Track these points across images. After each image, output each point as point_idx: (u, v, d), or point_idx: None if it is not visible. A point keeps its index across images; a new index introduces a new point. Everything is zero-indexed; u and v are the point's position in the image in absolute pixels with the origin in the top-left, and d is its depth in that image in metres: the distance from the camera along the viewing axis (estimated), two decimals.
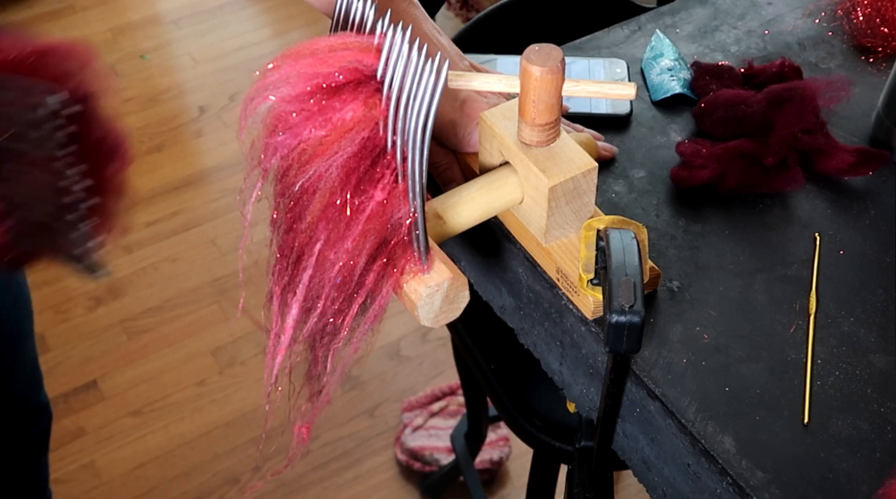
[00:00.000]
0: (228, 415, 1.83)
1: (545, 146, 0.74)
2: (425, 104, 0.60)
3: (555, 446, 1.15)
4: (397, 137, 0.62)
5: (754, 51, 1.01)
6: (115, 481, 1.75)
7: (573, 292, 0.77)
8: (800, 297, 0.79)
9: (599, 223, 0.75)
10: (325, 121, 0.61)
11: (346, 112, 0.61)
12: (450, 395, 1.82)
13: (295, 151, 0.61)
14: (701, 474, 0.71)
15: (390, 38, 0.62)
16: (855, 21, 1.02)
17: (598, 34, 1.04)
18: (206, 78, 2.51)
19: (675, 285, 0.79)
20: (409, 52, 0.61)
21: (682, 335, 0.76)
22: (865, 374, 0.74)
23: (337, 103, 0.61)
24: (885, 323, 0.77)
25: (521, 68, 0.70)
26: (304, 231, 0.62)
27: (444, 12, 2.33)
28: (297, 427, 0.69)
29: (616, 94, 0.71)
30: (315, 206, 0.62)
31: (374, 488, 1.74)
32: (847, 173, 0.87)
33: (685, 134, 0.92)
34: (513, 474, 1.75)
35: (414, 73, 0.61)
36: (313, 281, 0.63)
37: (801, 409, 0.72)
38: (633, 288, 0.62)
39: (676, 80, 0.95)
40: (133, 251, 2.09)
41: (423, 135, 0.61)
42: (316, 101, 0.61)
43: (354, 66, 0.61)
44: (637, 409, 0.75)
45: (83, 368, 1.90)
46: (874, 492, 0.67)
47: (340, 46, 0.62)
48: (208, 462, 1.77)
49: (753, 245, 0.83)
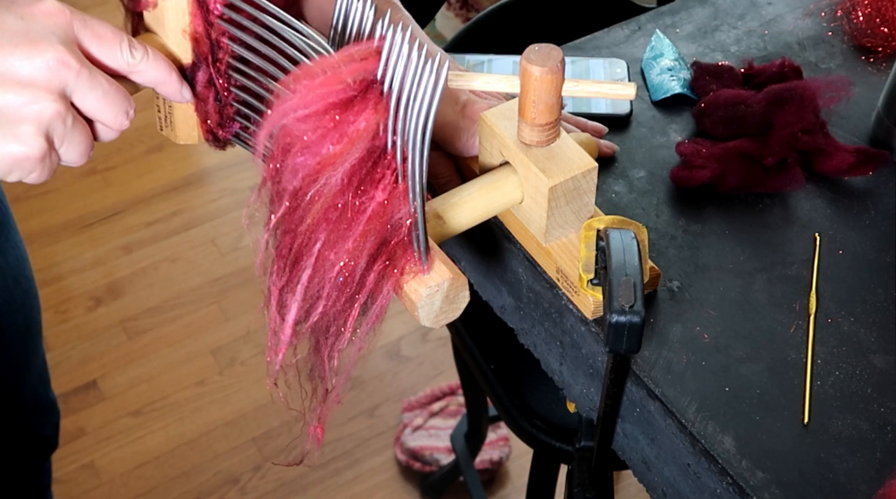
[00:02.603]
0: (228, 415, 1.83)
1: (545, 146, 0.74)
2: (426, 104, 0.60)
3: (555, 446, 1.15)
4: (397, 137, 0.62)
5: (754, 51, 1.01)
6: (115, 481, 1.75)
7: (573, 292, 0.77)
8: (800, 297, 0.79)
9: (599, 223, 0.75)
10: (341, 135, 0.61)
11: (360, 122, 0.61)
12: (450, 395, 1.82)
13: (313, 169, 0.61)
14: (701, 474, 0.71)
15: (390, 38, 0.62)
16: (855, 21, 1.02)
17: (598, 34, 1.04)
18: None
19: (675, 285, 0.79)
20: (409, 52, 0.61)
21: (682, 335, 0.76)
22: (865, 374, 0.74)
23: (351, 116, 0.61)
24: (885, 323, 0.77)
25: (520, 68, 0.70)
26: (304, 232, 0.62)
27: (443, 12, 2.33)
28: (312, 429, 0.69)
29: (616, 94, 0.71)
30: (316, 207, 0.62)
31: (374, 488, 1.74)
32: (847, 173, 0.87)
33: (685, 134, 0.92)
34: (513, 474, 1.75)
35: (414, 73, 0.61)
36: (312, 281, 0.63)
37: (801, 409, 0.72)
38: (633, 288, 0.62)
39: (676, 80, 0.95)
40: (133, 251, 2.09)
41: (424, 135, 0.61)
42: (330, 117, 0.61)
43: (363, 76, 0.61)
44: (637, 409, 0.75)
45: (83, 368, 1.90)
46: (874, 492, 0.67)
47: (347, 59, 0.62)
48: (208, 462, 1.77)
49: (753, 245, 0.83)
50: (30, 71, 0.58)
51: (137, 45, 0.63)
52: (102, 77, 0.61)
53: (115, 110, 0.62)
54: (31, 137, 0.59)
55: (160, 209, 2.17)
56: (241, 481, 1.74)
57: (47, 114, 0.59)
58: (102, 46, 0.62)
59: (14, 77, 0.58)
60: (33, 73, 0.58)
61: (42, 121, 0.59)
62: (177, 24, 0.65)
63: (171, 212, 2.16)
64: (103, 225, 2.15)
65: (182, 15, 0.65)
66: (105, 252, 2.09)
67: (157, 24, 0.67)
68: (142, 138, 2.28)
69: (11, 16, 0.59)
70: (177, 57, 0.67)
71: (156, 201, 2.19)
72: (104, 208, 2.18)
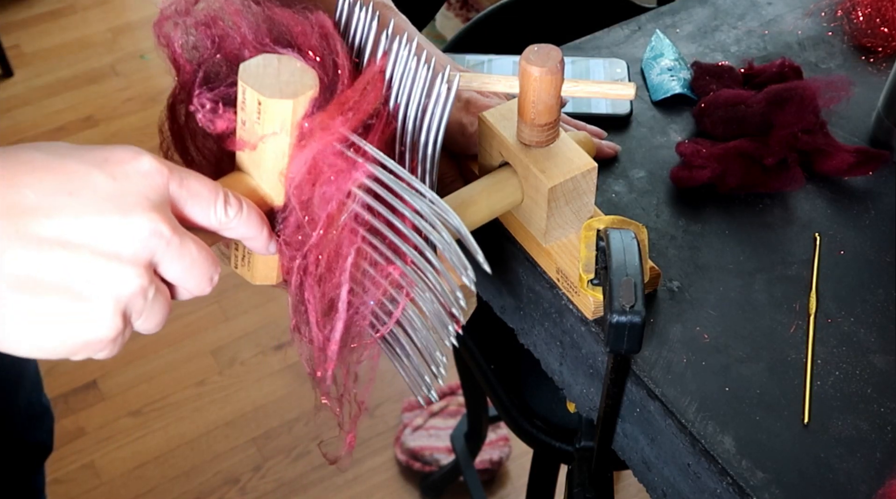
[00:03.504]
0: (228, 415, 1.83)
1: (545, 147, 0.74)
2: (437, 117, 0.60)
3: (555, 446, 1.15)
4: (405, 147, 0.62)
5: (754, 51, 1.01)
6: (115, 481, 1.75)
7: (573, 292, 0.77)
8: (800, 297, 0.79)
9: (599, 223, 0.75)
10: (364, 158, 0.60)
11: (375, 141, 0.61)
12: (450, 395, 1.82)
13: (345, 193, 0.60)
14: (701, 474, 0.71)
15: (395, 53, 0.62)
16: (855, 21, 1.02)
17: (598, 34, 1.04)
18: None
19: (675, 285, 0.79)
20: (415, 66, 0.61)
21: (682, 335, 0.76)
22: (865, 374, 0.74)
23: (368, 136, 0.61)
24: (885, 323, 0.77)
25: (520, 69, 0.70)
26: (334, 253, 0.60)
27: (443, 12, 2.33)
28: (348, 437, 0.68)
29: (616, 94, 0.71)
30: (346, 229, 0.60)
31: (374, 488, 1.74)
32: (847, 173, 0.87)
33: (685, 134, 0.92)
34: (513, 474, 1.75)
35: (422, 88, 0.61)
36: (350, 299, 0.62)
37: (801, 409, 0.72)
38: (633, 288, 0.62)
39: (676, 80, 0.95)
40: None
41: (434, 147, 0.61)
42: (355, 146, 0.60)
43: (379, 102, 0.61)
44: (637, 409, 0.75)
45: (83, 368, 1.89)
46: (874, 492, 0.67)
47: (361, 87, 0.61)
48: (208, 462, 1.77)
49: (753, 245, 0.83)
50: (115, 242, 0.51)
51: (233, 202, 0.57)
52: (193, 243, 0.54)
53: (201, 278, 0.56)
54: (106, 317, 0.51)
55: None
56: (241, 481, 1.74)
57: (128, 290, 0.51)
58: (196, 205, 0.55)
59: (97, 248, 0.50)
60: (119, 245, 0.51)
61: (121, 298, 0.51)
62: (274, 166, 0.60)
63: None
64: None
65: (282, 158, 0.59)
66: None
67: (252, 165, 0.61)
68: (142, 138, 2.28)
69: (102, 175, 0.51)
70: (269, 199, 0.62)
71: None
72: None
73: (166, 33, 0.62)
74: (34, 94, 2.51)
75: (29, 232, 0.49)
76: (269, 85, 0.57)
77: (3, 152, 0.50)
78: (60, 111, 2.46)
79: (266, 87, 0.57)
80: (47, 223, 0.49)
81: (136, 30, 2.70)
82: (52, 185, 0.50)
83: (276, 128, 0.58)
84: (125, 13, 2.76)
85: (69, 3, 2.77)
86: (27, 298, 0.49)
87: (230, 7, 0.61)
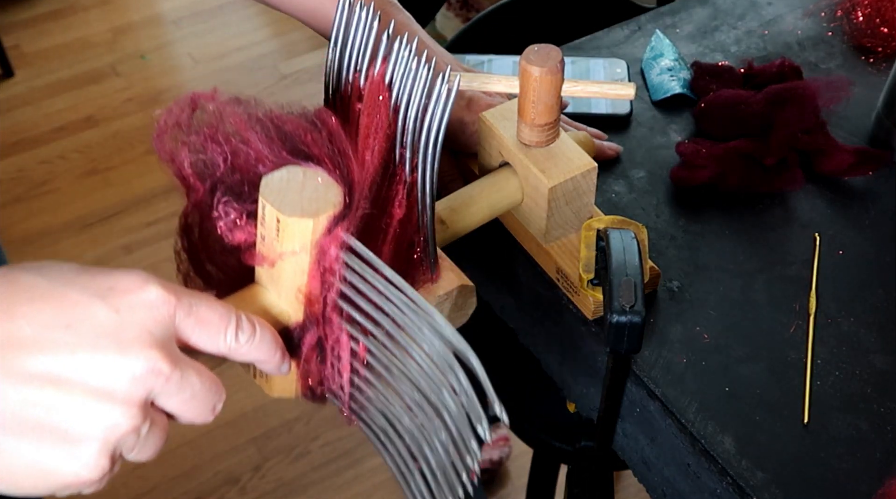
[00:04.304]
0: (228, 415, 1.83)
1: (544, 147, 0.74)
2: (437, 119, 0.60)
3: (555, 446, 1.15)
4: (406, 149, 0.62)
5: (754, 51, 1.01)
6: (115, 481, 1.74)
7: (573, 292, 0.77)
8: (800, 297, 0.79)
9: (599, 223, 0.75)
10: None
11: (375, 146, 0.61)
12: None
13: None
14: (701, 474, 0.71)
15: (396, 52, 0.62)
16: (855, 21, 1.02)
17: (598, 34, 1.04)
18: (206, 78, 2.51)
19: (675, 285, 0.79)
20: (416, 67, 0.61)
21: (682, 335, 0.76)
22: (865, 374, 0.74)
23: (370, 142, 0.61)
24: (885, 323, 0.77)
25: (520, 69, 0.70)
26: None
27: (443, 12, 2.33)
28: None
29: (616, 94, 0.71)
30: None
31: (374, 488, 1.74)
32: (847, 173, 0.87)
33: (685, 134, 0.92)
34: (513, 474, 1.75)
35: (423, 89, 0.60)
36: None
37: (801, 409, 0.72)
38: (633, 288, 0.62)
39: (676, 80, 0.95)
40: (133, 251, 2.09)
41: (435, 148, 0.61)
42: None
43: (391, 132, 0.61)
44: (637, 409, 0.75)
45: None
46: (874, 492, 0.67)
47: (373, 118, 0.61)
48: (208, 462, 1.77)
49: (753, 245, 0.83)
50: (109, 381, 0.48)
51: (246, 327, 0.54)
52: (195, 375, 0.51)
53: (202, 409, 0.52)
54: (92, 458, 0.48)
55: (160, 209, 2.17)
56: (241, 481, 1.74)
57: (119, 431, 0.48)
58: (205, 333, 0.52)
59: (89, 386, 0.47)
60: (113, 383, 0.48)
61: (110, 439, 0.48)
62: (292, 283, 0.57)
63: (171, 212, 2.16)
64: (103, 225, 2.15)
65: (301, 275, 0.57)
66: (105, 252, 2.09)
67: (270, 281, 0.59)
68: (142, 138, 2.28)
69: (104, 307, 0.49)
70: (285, 317, 0.59)
71: (156, 201, 2.19)
72: (104, 208, 2.18)
73: (170, 151, 0.58)
74: (34, 94, 2.52)
75: (20, 368, 0.47)
76: (291, 201, 0.54)
77: (5, 275, 0.49)
78: (61, 111, 2.46)
79: (287, 205, 0.54)
80: (41, 359, 0.47)
81: (136, 30, 2.70)
82: (50, 317, 0.47)
83: (296, 247, 0.55)
84: (126, 13, 2.76)
85: (70, 4, 2.77)
86: (10, 439, 0.47)
87: (235, 119, 0.59)
